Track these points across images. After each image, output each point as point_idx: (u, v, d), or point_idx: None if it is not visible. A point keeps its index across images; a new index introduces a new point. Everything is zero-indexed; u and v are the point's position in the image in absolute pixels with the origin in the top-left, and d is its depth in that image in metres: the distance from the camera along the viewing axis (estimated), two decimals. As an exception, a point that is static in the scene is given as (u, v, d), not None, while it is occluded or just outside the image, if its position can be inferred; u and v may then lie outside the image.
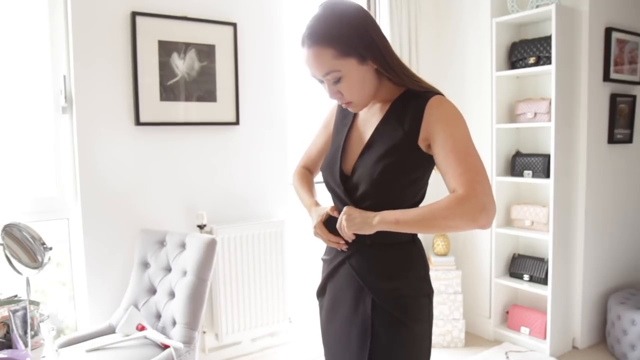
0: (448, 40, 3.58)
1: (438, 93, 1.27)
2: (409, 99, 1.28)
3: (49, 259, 1.63)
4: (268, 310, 2.89)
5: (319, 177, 1.55)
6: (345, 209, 1.25)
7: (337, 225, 1.27)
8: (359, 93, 1.26)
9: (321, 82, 1.28)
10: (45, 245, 1.61)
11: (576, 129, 3.13)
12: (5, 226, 1.60)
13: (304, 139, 3.16)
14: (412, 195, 1.29)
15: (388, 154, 1.24)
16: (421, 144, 1.23)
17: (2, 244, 1.65)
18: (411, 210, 1.20)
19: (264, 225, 2.84)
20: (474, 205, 1.12)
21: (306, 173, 1.60)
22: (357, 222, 1.22)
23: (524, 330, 3.24)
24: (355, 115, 1.42)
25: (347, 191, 1.31)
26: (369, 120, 1.36)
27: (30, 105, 2.42)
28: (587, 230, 3.17)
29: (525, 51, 3.13)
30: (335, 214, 1.35)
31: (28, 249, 1.56)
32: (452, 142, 1.19)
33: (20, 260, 1.57)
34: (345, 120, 1.43)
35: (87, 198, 2.44)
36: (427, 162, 1.26)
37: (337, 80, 1.23)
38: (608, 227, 3.32)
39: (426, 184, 1.33)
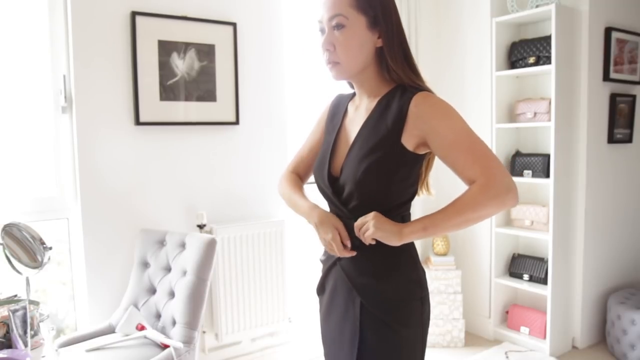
0: (448, 40, 3.58)
1: (427, 90, 1.25)
2: (395, 96, 1.26)
3: (49, 258, 1.63)
4: (268, 310, 2.89)
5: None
6: (373, 214, 1.21)
7: (357, 227, 1.22)
8: (351, 55, 1.25)
9: (322, 31, 1.27)
10: (45, 245, 1.61)
11: (576, 129, 3.13)
12: (5, 226, 1.60)
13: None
14: (398, 195, 1.26)
15: (371, 151, 1.22)
16: (406, 142, 1.21)
17: (2, 244, 1.66)
18: (436, 213, 1.18)
19: (263, 225, 2.84)
20: (499, 188, 1.14)
21: (295, 178, 1.53)
22: (385, 230, 1.19)
23: (524, 330, 3.24)
24: (344, 116, 1.40)
25: (335, 193, 1.29)
26: (355, 119, 1.35)
27: (30, 105, 2.42)
28: (587, 230, 3.18)
29: (525, 51, 3.13)
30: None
31: (28, 248, 1.56)
32: (451, 134, 1.18)
33: (20, 260, 1.57)
34: (335, 120, 1.42)
35: (87, 198, 2.44)
36: (411, 161, 1.24)
37: (339, 27, 1.22)
38: (608, 227, 3.32)
39: (414, 183, 1.30)
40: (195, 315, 2.15)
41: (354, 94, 1.44)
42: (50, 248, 1.61)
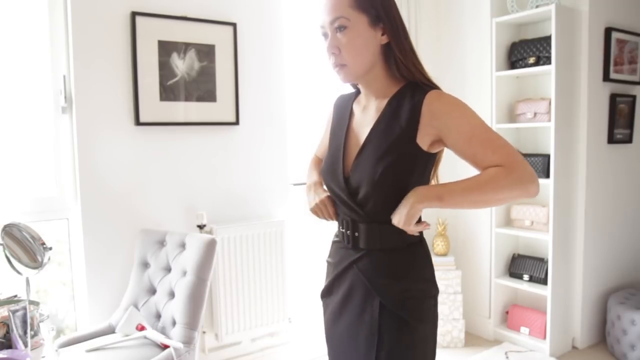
0: (448, 41, 3.59)
1: (437, 88, 1.26)
2: (406, 95, 1.26)
3: (49, 259, 1.63)
4: (268, 310, 2.90)
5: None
6: (395, 219, 1.24)
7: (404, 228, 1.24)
8: (357, 55, 1.25)
9: (325, 36, 1.27)
10: (45, 245, 1.62)
11: (576, 129, 3.13)
12: (5, 226, 1.60)
13: (303, 138, 3.18)
14: None
15: (387, 153, 1.23)
16: (420, 141, 1.22)
17: (2, 244, 1.66)
18: (455, 183, 1.18)
19: (263, 225, 2.85)
20: (522, 175, 1.15)
21: (319, 161, 1.59)
22: (404, 218, 1.20)
23: (524, 330, 3.24)
24: (350, 118, 1.40)
25: (350, 194, 1.30)
26: (364, 120, 1.35)
27: (30, 105, 2.43)
28: (587, 230, 3.18)
29: (525, 51, 3.13)
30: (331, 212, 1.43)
31: (28, 249, 1.56)
32: (469, 129, 1.19)
33: (20, 260, 1.57)
34: (341, 122, 1.42)
35: (87, 198, 2.45)
36: (426, 160, 1.25)
37: (342, 29, 1.23)
38: (608, 227, 3.32)
39: (427, 182, 1.32)
40: (195, 315, 2.15)
41: (356, 93, 1.44)
42: (50, 248, 1.61)
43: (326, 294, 1.45)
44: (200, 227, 2.67)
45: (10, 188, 2.38)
